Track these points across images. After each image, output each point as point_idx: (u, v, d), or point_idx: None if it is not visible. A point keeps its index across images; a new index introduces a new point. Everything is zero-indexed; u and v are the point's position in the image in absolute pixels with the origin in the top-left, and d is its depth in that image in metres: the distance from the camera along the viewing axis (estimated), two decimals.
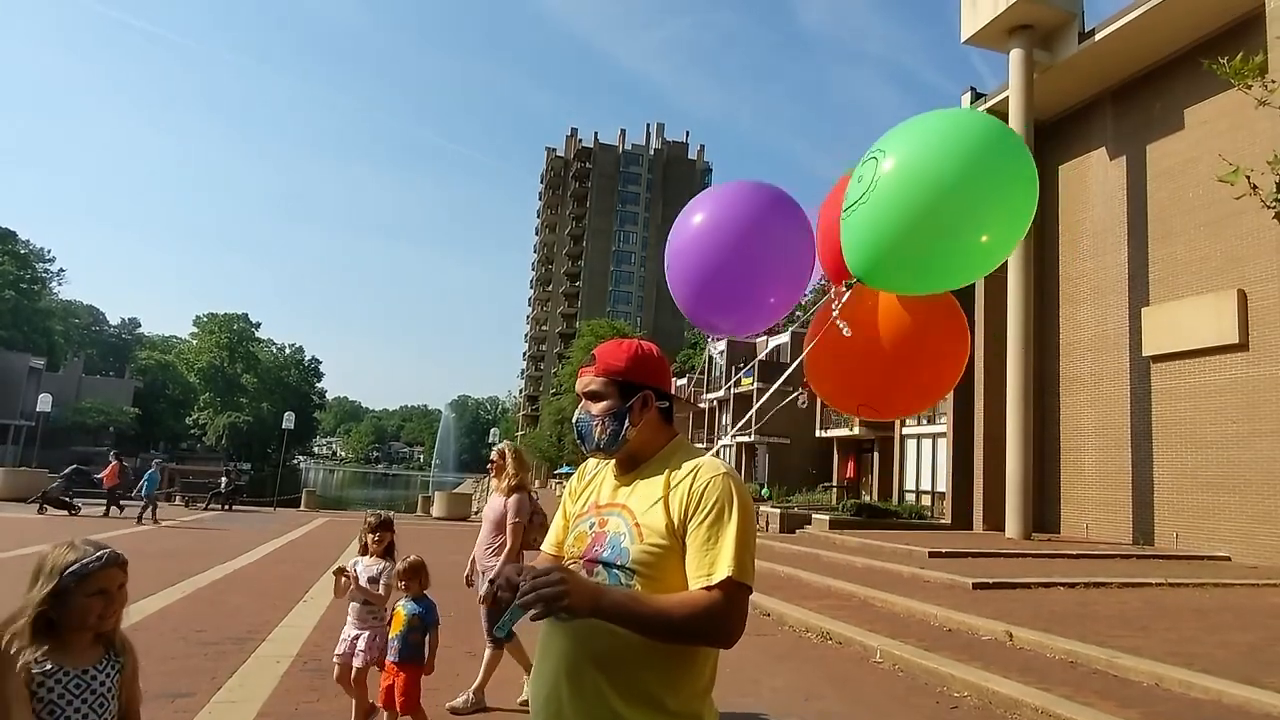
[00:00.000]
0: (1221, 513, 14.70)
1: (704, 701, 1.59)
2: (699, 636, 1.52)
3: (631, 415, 1.70)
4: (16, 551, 10.09)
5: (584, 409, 1.74)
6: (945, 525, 20.20)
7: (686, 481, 1.61)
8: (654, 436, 1.74)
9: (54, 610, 1.75)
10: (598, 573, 1.61)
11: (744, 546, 1.54)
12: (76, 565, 1.76)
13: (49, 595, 1.74)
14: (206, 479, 26.50)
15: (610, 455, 1.74)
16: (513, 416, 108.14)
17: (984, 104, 19.96)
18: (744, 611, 1.54)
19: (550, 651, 1.61)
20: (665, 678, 1.53)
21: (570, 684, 1.56)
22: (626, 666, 1.52)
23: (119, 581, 1.83)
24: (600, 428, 1.70)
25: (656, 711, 1.52)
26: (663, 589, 1.54)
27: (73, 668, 1.77)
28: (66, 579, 1.75)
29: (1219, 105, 15.19)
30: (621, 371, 1.71)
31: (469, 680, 5.50)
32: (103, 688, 1.81)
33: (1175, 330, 15.85)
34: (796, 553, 14.14)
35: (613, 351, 1.75)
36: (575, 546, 1.70)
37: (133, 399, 72.32)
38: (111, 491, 18.74)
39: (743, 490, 1.60)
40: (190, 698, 4.81)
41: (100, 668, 1.82)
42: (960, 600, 8.97)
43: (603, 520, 1.68)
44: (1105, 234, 18.08)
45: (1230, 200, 13.45)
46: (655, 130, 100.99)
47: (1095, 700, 5.32)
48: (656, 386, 1.75)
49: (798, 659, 6.86)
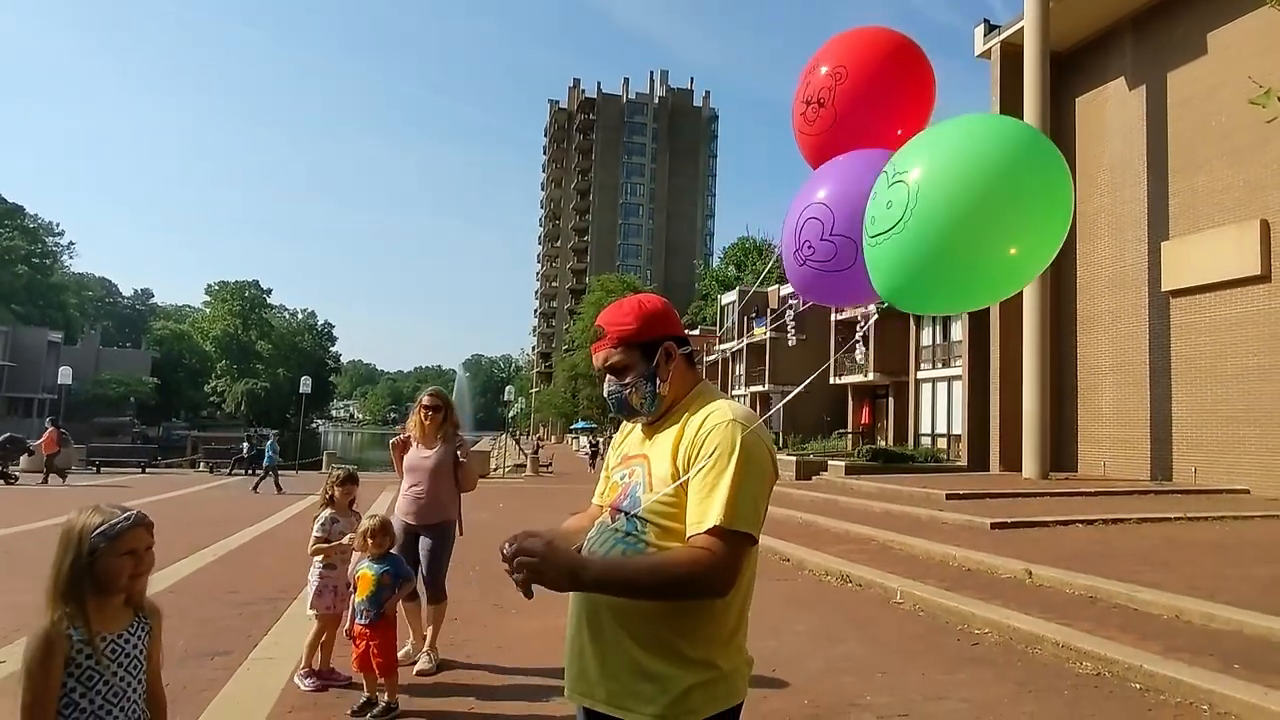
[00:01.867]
0: (1241, 446, 14.63)
1: (726, 650, 1.56)
2: (687, 591, 1.49)
3: (660, 371, 1.68)
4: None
5: (611, 381, 1.70)
6: (962, 468, 20.26)
7: (693, 429, 1.59)
8: (681, 384, 1.72)
9: (86, 575, 1.75)
10: (618, 520, 1.63)
11: (740, 493, 1.49)
12: (105, 526, 1.77)
13: (80, 559, 1.75)
14: (228, 445, 26.90)
15: (654, 416, 1.71)
16: (526, 374, 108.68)
17: (998, 36, 19.34)
18: (735, 560, 1.49)
19: (575, 598, 1.63)
20: (681, 625, 1.52)
21: (590, 630, 1.58)
22: (641, 614, 1.52)
23: (146, 543, 1.83)
24: (635, 394, 1.68)
25: (674, 659, 1.52)
26: (676, 538, 1.54)
27: (108, 633, 1.79)
28: (95, 540, 1.75)
29: (1244, 28, 14.64)
30: (635, 332, 1.68)
31: (498, 633, 5.63)
32: (136, 650, 1.83)
33: (1195, 264, 15.57)
34: (814, 499, 14.25)
35: (619, 316, 1.70)
36: (609, 495, 1.72)
37: (151, 369, 73.22)
38: (49, 459, 18.80)
39: (751, 437, 1.55)
40: (229, 655, 4.95)
41: (133, 630, 1.84)
42: (979, 541, 9.03)
43: (631, 471, 1.69)
44: (1124, 168, 17.65)
45: (1254, 127, 13.06)
46: (659, 79, 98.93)
47: (1116, 634, 5.37)
48: (675, 335, 1.72)
49: (819, 603, 6.96)
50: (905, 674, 4.89)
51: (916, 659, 5.19)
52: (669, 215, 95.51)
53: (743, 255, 59.67)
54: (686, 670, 1.52)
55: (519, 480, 24.87)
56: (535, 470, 27.80)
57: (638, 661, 1.52)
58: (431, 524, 4.74)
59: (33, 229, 73.51)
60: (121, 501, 1.92)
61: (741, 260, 59.26)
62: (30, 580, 2.10)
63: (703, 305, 62.01)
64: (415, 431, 4.85)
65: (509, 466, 29.72)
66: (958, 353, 23.30)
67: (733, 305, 41.93)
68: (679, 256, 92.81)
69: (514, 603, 6.47)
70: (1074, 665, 5.00)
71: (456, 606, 5.82)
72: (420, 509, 4.72)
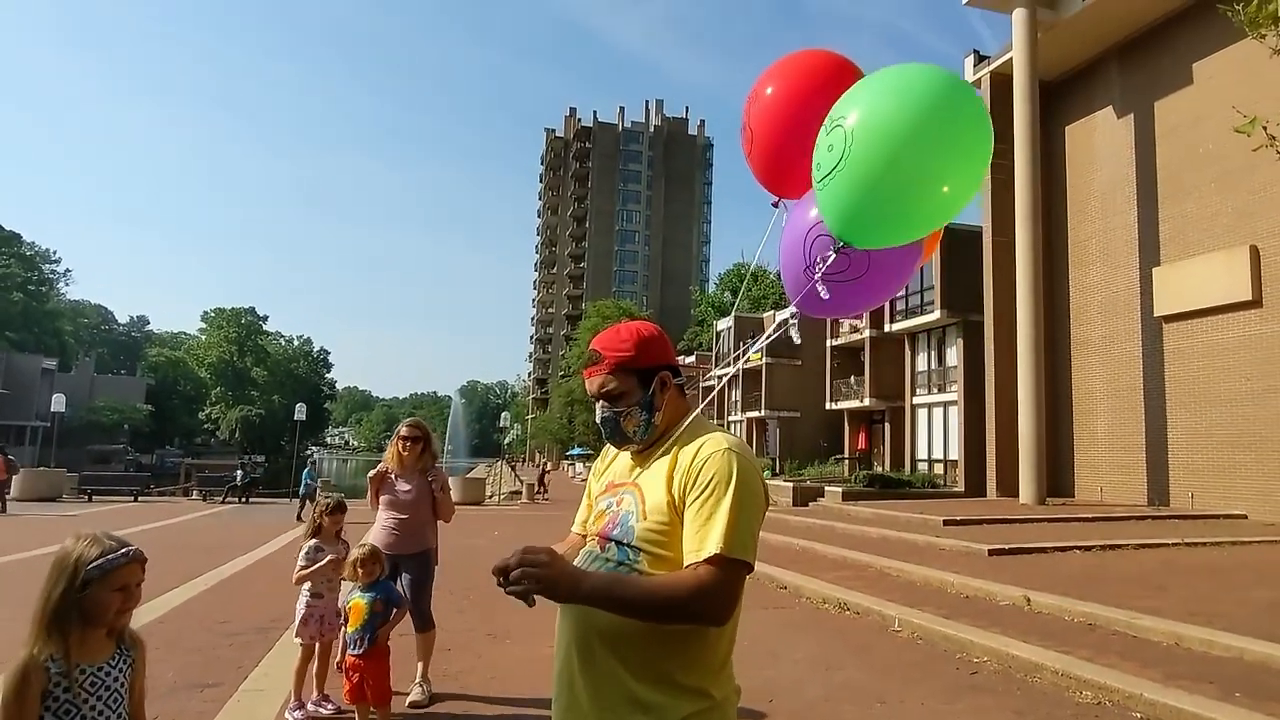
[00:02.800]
0: (1237, 471, 14.64)
1: (718, 679, 1.56)
2: (686, 615, 1.47)
3: (656, 400, 1.68)
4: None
5: (605, 408, 1.68)
6: (959, 493, 20.22)
7: (689, 458, 1.59)
8: (673, 414, 1.72)
9: (74, 607, 1.73)
10: (609, 549, 1.61)
11: (738, 521, 1.49)
12: (101, 560, 1.74)
13: (71, 590, 1.72)
14: (223, 473, 26.70)
15: (646, 445, 1.70)
16: (522, 400, 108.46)
17: (987, 66, 19.67)
18: (734, 588, 1.49)
19: (563, 627, 1.61)
20: (674, 653, 1.51)
21: (581, 659, 1.55)
22: (635, 642, 1.50)
23: (138, 579, 1.82)
24: (630, 421, 1.67)
25: (669, 688, 1.50)
26: (669, 567, 1.53)
27: (89, 664, 1.76)
28: (90, 572, 1.73)
29: (1228, 58, 14.93)
30: (632, 359, 1.67)
31: (492, 662, 5.56)
32: (116, 683, 1.80)
33: (1187, 289, 15.70)
34: (811, 525, 14.18)
35: (616, 342, 1.69)
36: (596, 524, 1.70)
37: (145, 396, 72.89)
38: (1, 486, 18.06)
39: (746, 465, 1.55)
40: (219, 687, 4.87)
41: (114, 663, 1.81)
42: (976, 567, 8.99)
43: (620, 499, 1.67)
44: (1113, 194, 17.87)
45: (1241, 155, 13.25)
46: (655, 107, 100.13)
47: (1116, 661, 5.33)
48: (668, 364, 1.72)
49: (817, 630, 6.90)
50: (904, 703, 4.84)
51: (915, 687, 5.14)
52: (665, 242, 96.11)
53: (738, 281, 59.96)
54: (682, 699, 1.50)
55: (514, 508, 24.71)
56: (531, 497, 27.62)
57: (632, 691, 1.50)
58: (413, 554, 4.68)
59: (29, 256, 73.52)
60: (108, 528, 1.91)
61: (736, 286, 59.56)
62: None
63: (699, 331, 62.15)
64: (393, 463, 4.77)
65: (504, 493, 29.54)
66: (953, 378, 23.35)
67: (729, 330, 42.06)
68: (675, 283, 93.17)
69: (508, 631, 6.40)
70: (1074, 694, 4.96)
71: (450, 636, 5.76)
72: (400, 539, 4.65)
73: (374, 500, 4.79)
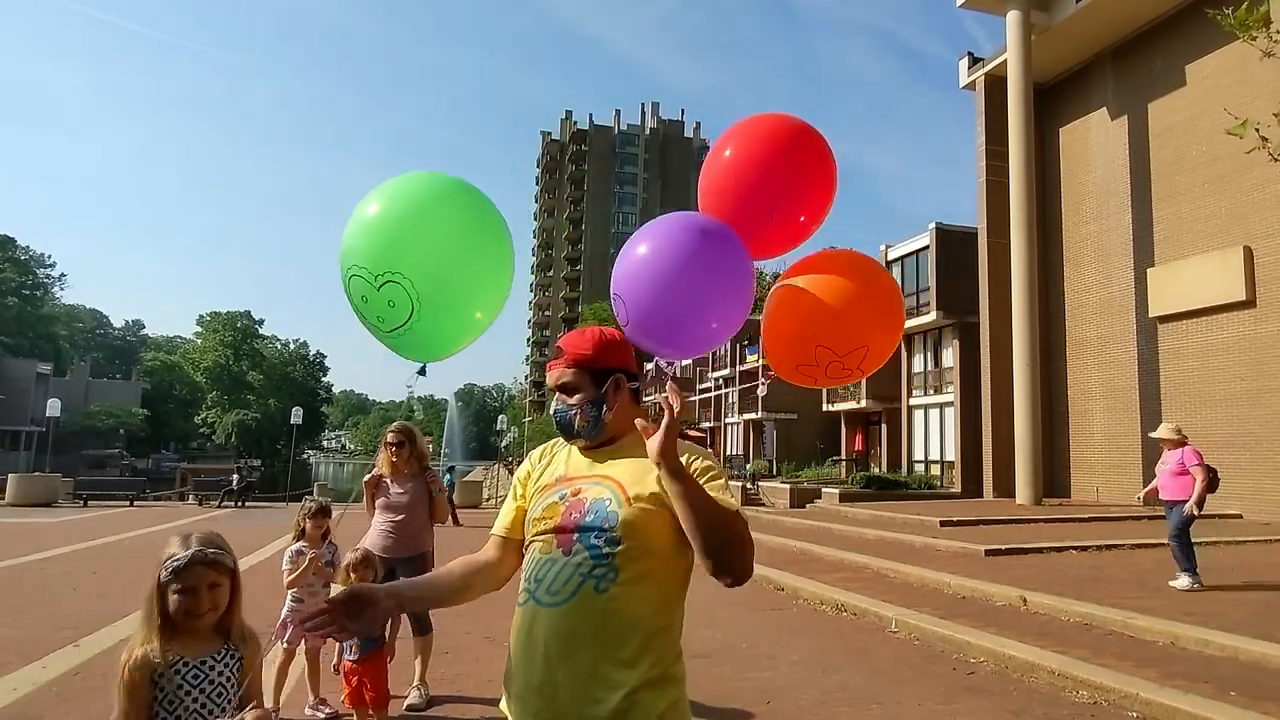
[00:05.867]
0: (1232, 470, 14.61)
1: (679, 660, 1.68)
2: (741, 543, 1.56)
3: (608, 400, 1.76)
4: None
5: (560, 400, 1.79)
6: (955, 494, 20.26)
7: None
8: (626, 417, 1.77)
9: (160, 600, 1.80)
10: (577, 542, 1.63)
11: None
12: (168, 560, 1.81)
13: (157, 584, 1.80)
14: (219, 477, 26.61)
15: (592, 441, 1.78)
16: (519, 403, 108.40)
17: (982, 68, 19.76)
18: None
19: (536, 638, 1.61)
20: (660, 646, 1.60)
21: (566, 667, 1.57)
22: (620, 640, 1.56)
23: (208, 580, 1.82)
24: (580, 416, 1.76)
25: (658, 678, 1.57)
26: (647, 552, 1.60)
27: (191, 658, 1.79)
28: (164, 569, 1.80)
29: (1221, 60, 15.01)
30: (590, 359, 1.77)
31: (490, 666, 5.56)
32: (220, 677, 1.82)
33: (1181, 290, 15.77)
34: (808, 527, 14.20)
35: (578, 341, 1.79)
36: (546, 518, 1.70)
37: (141, 400, 72.69)
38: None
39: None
40: None
41: (219, 657, 1.84)
42: (973, 568, 9.01)
43: (576, 490, 1.70)
44: (1108, 196, 17.94)
45: (1234, 156, 13.32)
46: (650, 110, 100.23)
47: (1112, 661, 5.35)
48: (624, 368, 1.80)
49: (814, 632, 6.91)
50: (901, 704, 4.85)
51: (912, 688, 5.15)
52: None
53: None
54: (672, 686, 1.60)
55: None
56: None
57: (619, 681, 1.54)
58: (409, 557, 4.67)
59: (24, 261, 73.30)
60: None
61: None
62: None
63: None
64: (385, 468, 4.81)
65: (502, 497, 29.51)
66: (949, 379, 23.40)
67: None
68: None
69: (506, 635, 6.38)
70: (1070, 694, 4.97)
71: (448, 639, 5.76)
72: (396, 543, 4.65)
73: (370, 505, 4.80)
